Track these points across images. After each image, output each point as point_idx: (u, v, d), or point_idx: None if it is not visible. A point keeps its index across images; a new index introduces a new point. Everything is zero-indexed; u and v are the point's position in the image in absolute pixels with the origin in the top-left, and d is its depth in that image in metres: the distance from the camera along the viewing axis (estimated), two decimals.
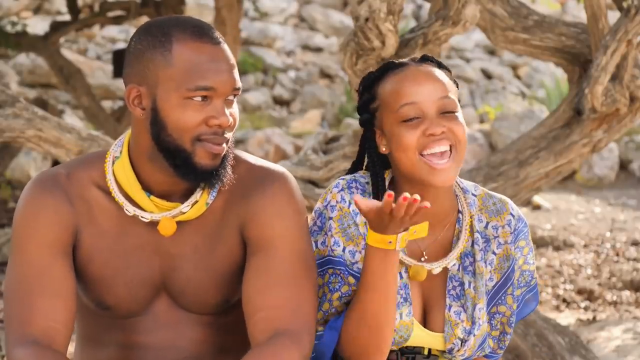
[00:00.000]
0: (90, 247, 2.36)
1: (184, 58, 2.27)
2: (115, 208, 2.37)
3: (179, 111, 2.26)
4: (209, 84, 2.26)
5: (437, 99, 2.40)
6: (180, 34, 2.29)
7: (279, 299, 2.31)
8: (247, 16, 15.11)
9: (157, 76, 2.28)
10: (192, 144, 2.28)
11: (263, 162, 2.45)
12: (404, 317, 2.43)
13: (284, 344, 2.26)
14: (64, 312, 2.28)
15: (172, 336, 2.42)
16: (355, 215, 2.44)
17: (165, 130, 2.28)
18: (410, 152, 2.39)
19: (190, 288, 2.39)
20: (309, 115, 13.09)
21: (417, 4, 16.16)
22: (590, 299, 6.27)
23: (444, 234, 2.49)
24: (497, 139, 11.36)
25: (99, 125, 8.71)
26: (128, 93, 2.32)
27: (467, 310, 2.46)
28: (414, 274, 2.45)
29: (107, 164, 2.38)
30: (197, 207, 2.35)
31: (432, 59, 2.50)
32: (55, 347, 2.25)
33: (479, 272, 2.47)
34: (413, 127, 2.39)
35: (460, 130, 2.41)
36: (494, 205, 2.53)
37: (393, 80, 2.43)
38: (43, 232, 2.32)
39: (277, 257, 2.34)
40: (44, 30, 9.40)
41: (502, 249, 2.51)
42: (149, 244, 2.38)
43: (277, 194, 2.38)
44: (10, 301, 2.30)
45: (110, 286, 2.37)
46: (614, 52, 4.05)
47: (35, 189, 2.35)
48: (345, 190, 2.45)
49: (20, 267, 2.30)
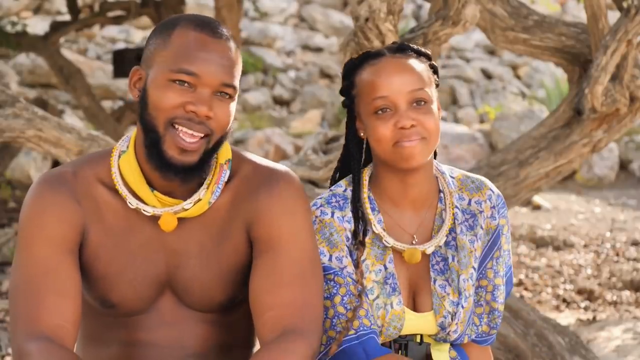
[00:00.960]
0: (96, 244, 2.37)
1: (178, 42, 2.29)
2: (120, 205, 2.38)
3: (160, 91, 2.28)
4: (193, 69, 2.27)
5: (408, 92, 2.45)
6: (185, 23, 2.33)
7: (287, 297, 2.31)
8: (247, 16, 15.12)
9: (154, 58, 2.32)
10: (165, 128, 2.28)
11: (268, 162, 2.46)
12: (394, 306, 2.47)
13: (294, 342, 2.27)
14: (71, 311, 2.28)
15: (176, 334, 2.42)
16: (333, 225, 2.48)
17: (146, 109, 2.31)
18: (384, 143, 2.45)
19: (195, 286, 2.40)
20: (309, 115, 13.10)
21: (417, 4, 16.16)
22: (590, 299, 6.28)
23: (427, 215, 2.54)
24: (497, 139, 11.36)
25: (99, 125, 8.71)
26: (131, 76, 2.36)
27: (452, 283, 2.51)
28: (410, 256, 2.49)
29: (113, 157, 2.39)
30: (199, 205, 2.36)
31: (409, 48, 2.53)
32: (66, 345, 2.25)
33: (460, 245, 2.52)
34: (385, 119, 2.45)
35: (431, 123, 2.45)
36: (473, 183, 2.60)
37: (369, 71, 2.50)
38: (50, 230, 2.32)
39: (284, 256, 2.35)
40: (44, 30, 9.41)
41: (486, 223, 2.56)
42: (154, 242, 2.38)
43: (283, 193, 2.39)
44: (16, 299, 2.30)
45: (115, 284, 2.38)
46: (614, 52, 4.06)
47: (42, 188, 2.35)
48: (325, 206, 2.51)
49: (27, 266, 2.31)
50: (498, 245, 2.57)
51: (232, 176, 2.41)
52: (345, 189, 2.54)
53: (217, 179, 2.37)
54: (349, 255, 2.47)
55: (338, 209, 2.50)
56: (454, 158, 10.70)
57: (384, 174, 2.52)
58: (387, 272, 2.49)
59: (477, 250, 2.54)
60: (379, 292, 2.47)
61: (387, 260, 2.49)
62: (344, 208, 2.50)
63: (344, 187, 2.55)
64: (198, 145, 2.29)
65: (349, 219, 2.49)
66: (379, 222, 2.50)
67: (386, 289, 2.47)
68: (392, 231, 2.51)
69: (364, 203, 2.50)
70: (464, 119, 13.40)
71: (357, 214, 2.49)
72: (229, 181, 2.40)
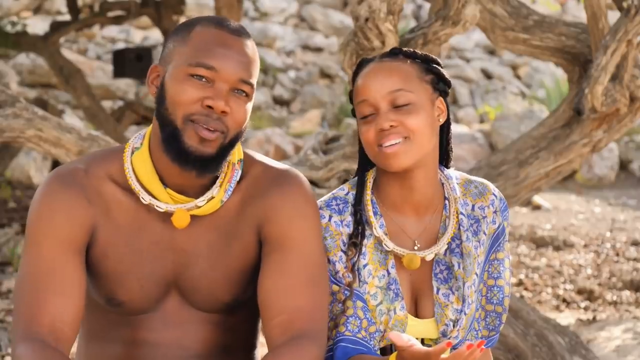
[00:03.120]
0: (105, 243, 2.37)
1: (198, 39, 2.31)
2: (131, 203, 2.37)
3: (179, 86, 2.29)
4: (212, 63, 2.28)
5: (387, 93, 2.45)
6: (204, 21, 2.35)
7: (297, 302, 2.31)
8: (247, 16, 15.13)
9: (173, 55, 2.33)
10: (184, 122, 2.28)
11: (278, 163, 2.47)
12: (397, 311, 2.46)
13: (304, 346, 2.27)
14: (71, 313, 2.28)
15: (178, 334, 2.42)
16: (329, 229, 2.48)
17: (164, 104, 2.31)
18: (369, 147, 2.46)
19: (202, 285, 2.40)
20: (309, 115, 13.11)
21: (417, 4, 16.17)
22: (590, 299, 6.28)
23: (432, 222, 2.53)
24: (497, 139, 11.37)
25: (99, 125, 8.72)
26: (149, 73, 2.37)
27: (457, 290, 2.50)
28: (408, 262, 2.48)
29: (126, 153, 2.39)
30: (212, 202, 2.36)
31: (401, 52, 2.53)
32: (60, 348, 2.25)
33: (466, 252, 2.51)
34: (369, 123, 2.46)
35: (413, 122, 2.43)
36: (476, 188, 2.59)
37: (360, 76, 2.52)
38: (58, 230, 2.31)
39: (295, 258, 2.35)
40: (44, 30, 9.41)
41: (490, 229, 2.55)
42: (163, 240, 2.38)
43: (295, 194, 2.40)
44: (20, 296, 2.30)
45: (122, 282, 2.38)
46: (614, 52, 4.05)
47: (53, 185, 2.35)
48: (324, 209, 2.50)
49: (33, 264, 2.30)
50: (495, 247, 2.57)
51: (242, 177, 2.41)
52: (348, 192, 2.53)
53: (229, 177, 2.38)
54: (342, 260, 2.46)
55: (337, 213, 2.49)
56: (454, 158, 10.67)
57: (384, 177, 2.51)
58: (389, 277, 2.48)
59: (480, 256, 2.53)
60: (382, 298, 2.46)
61: (389, 266, 2.48)
62: (343, 212, 2.49)
63: (346, 190, 2.54)
64: (215, 137, 2.29)
65: (348, 223, 2.48)
66: (381, 226, 2.49)
67: (389, 295, 2.46)
68: (394, 235, 2.50)
69: (366, 206, 2.49)
70: (464, 119, 13.41)
71: (356, 216, 2.48)
72: (239, 181, 2.40)
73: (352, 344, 2.43)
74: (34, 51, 9.04)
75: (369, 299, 2.45)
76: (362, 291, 2.45)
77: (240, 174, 2.40)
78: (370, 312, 2.45)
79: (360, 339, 2.43)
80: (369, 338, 2.45)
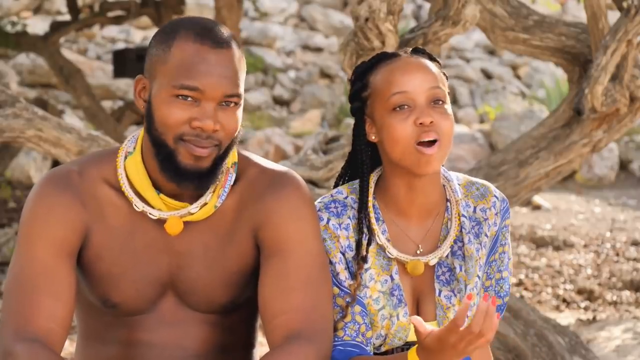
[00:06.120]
0: (99, 245, 2.36)
1: (178, 56, 2.27)
2: (125, 206, 2.36)
3: (165, 107, 2.27)
4: (195, 84, 2.26)
5: (427, 89, 2.42)
6: (184, 32, 2.30)
7: (295, 302, 2.30)
8: (247, 16, 15.12)
9: (155, 70, 2.30)
10: (175, 142, 2.27)
11: (273, 164, 2.45)
12: (400, 318, 2.45)
13: (299, 346, 2.26)
14: (63, 315, 2.27)
15: (176, 335, 2.41)
16: (327, 232, 2.45)
17: (153, 124, 2.29)
18: (402, 142, 2.40)
19: (198, 287, 2.39)
20: (309, 115, 13.10)
21: (417, 4, 16.17)
22: (590, 299, 6.28)
23: (434, 225, 2.51)
24: (497, 139, 11.36)
25: (99, 125, 8.72)
26: (135, 84, 2.35)
27: (459, 293, 2.48)
28: (412, 269, 2.46)
29: (119, 158, 2.38)
30: (205, 208, 2.35)
31: (423, 51, 2.52)
32: (54, 349, 2.24)
33: (467, 254, 2.49)
34: (404, 116, 2.40)
35: (447, 125, 2.41)
36: (477, 190, 2.56)
37: (385, 69, 2.46)
38: (51, 232, 2.31)
39: (292, 260, 2.34)
40: (44, 30, 9.41)
41: (491, 231, 2.54)
42: (157, 243, 2.37)
43: (291, 196, 2.38)
44: (10, 297, 2.29)
45: (117, 284, 2.37)
46: (614, 52, 4.05)
47: (46, 187, 2.34)
48: (322, 211, 2.47)
49: (24, 266, 2.30)
50: (495, 248, 2.56)
51: (238, 179, 2.40)
52: (347, 196, 2.50)
53: (223, 182, 2.36)
54: (342, 262, 2.44)
55: (335, 216, 2.46)
56: (454, 158, 10.70)
57: (392, 179, 2.47)
58: (393, 283, 2.45)
59: (482, 259, 2.52)
60: (385, 303, 2.45)
61: (392, 272, 2.46)
62: (341, 215, 2.47)
63: (345, 194, 2.51)
64: (209, 152, 2.28)
65: (346, 226, 2.45)
66: (384, 232, 2.46)
67: (392, 301, 2.44)
68: (398, 240, 2.47)
69: (368, 213, 2.46)
70: (464, 119, 13.40)
71: (360, 224, 2.45)
72: (235, 184, 2.39)
73: (351, 347, 2.42)
74: (34, 51, 9.04)
75: (371, 303, 2.44)
76: (363, 295, 2.44)
77: (235, 176, 2.39)
78: (370, 316, 2.44)
79: (358, 343, 2.42)
80: (366, 343, 2.43)
